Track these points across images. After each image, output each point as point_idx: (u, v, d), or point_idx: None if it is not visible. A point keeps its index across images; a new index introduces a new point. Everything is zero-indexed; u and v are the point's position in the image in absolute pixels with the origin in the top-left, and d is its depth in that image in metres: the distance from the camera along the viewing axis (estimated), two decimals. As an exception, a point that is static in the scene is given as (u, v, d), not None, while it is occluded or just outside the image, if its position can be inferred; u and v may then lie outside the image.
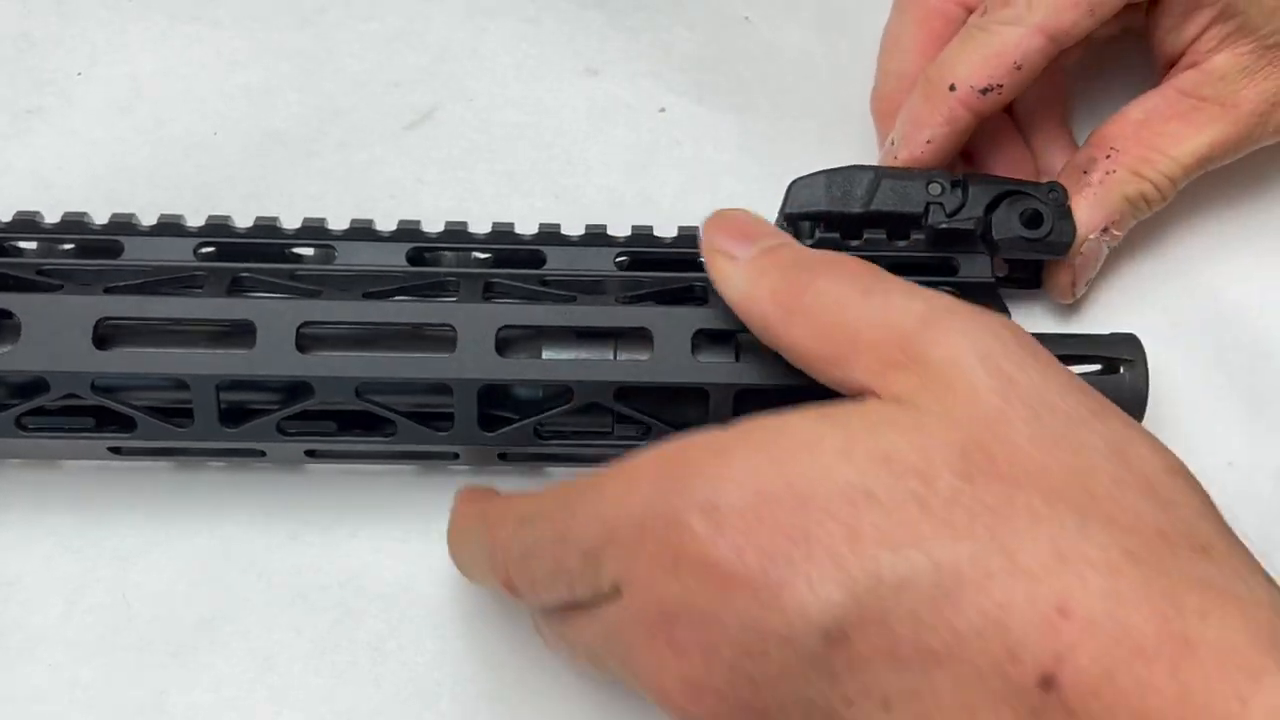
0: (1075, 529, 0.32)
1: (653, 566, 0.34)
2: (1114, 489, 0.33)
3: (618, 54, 0.55)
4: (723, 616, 0.33)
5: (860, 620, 0.32)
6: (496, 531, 0.39)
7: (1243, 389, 0.50)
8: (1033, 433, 0.34)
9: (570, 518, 0.36)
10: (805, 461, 0.33)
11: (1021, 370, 0.35)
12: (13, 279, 0.43)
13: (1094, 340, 0.44)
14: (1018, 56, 0.46)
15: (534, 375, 0.42)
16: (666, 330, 0.42)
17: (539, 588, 0.37)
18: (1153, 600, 0.31)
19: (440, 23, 0.55)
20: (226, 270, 0.44)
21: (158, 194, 0.51)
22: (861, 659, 0.32)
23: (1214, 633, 0.30)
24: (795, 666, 0.32)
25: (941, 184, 0.45)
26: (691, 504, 0.33)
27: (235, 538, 0.46)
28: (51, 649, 0.45)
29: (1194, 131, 0.46)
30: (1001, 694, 0.31)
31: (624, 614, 0.35)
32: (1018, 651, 0.31)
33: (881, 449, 0.33)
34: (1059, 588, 0.31)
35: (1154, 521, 0.33)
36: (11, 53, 0.54)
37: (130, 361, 0.42)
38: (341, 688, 0.44)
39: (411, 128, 0.54)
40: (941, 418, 0.34)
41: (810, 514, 0.32)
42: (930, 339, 0.35)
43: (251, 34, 0.55)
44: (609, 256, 0.45)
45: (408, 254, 0.45)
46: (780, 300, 0.38)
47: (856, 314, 0.37)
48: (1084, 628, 0.31)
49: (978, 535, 0.32)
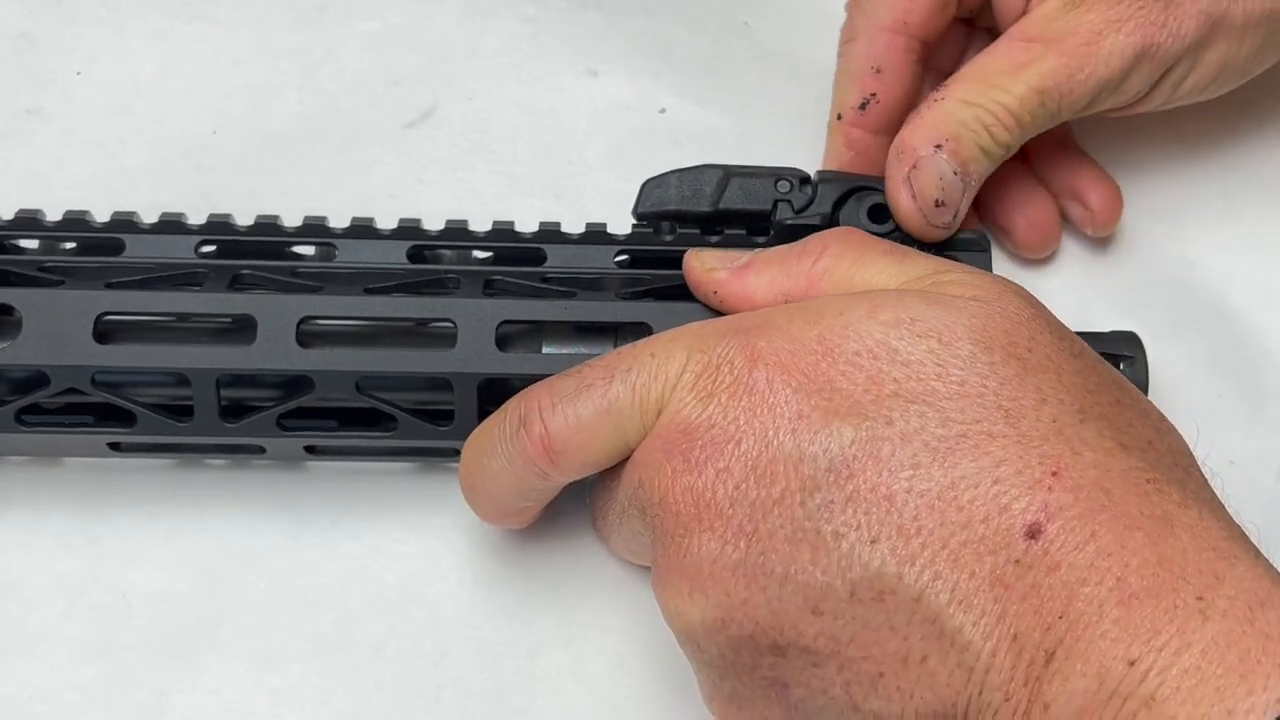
0: (1075, 417, 0.34)
1: (689, 393, 0.37)
2: (1115, 405, 0.36)
3: (618, 55, 0.55)
4: (741, 435, 0.36)
5: (865, 458, 0.34)
6: (536, 390, 0.39)
7: (1243, 387, 0.50)
8: (1054, 339, 0.36)
9: (620, 359, 0.38)
10: (836, 321, 0.36)
11: (1045, 307, 0.38)
12: (14, 275, 0.43)
13: (1094, 338, 0.44)
14: (871, 62, 0.49)
15: (534, 370, 0.42)
16: (666, 325, 0.42)
17: (582, 435, 0.38)
18: (1139, 483, 0.33)
19: (440, 22, 0.55)
20: (227, 268, 0.44)
21: (157, 193, 0.52)
22: (859, 494, 0.34)
23: (1192, 519, 0.33)
24: (795, 492, 0.35)
25: (790, 181, 0.45)
26: (734, 346, 0.37)
27: (235, 538, 0.46)
28: (51, 649, 0.45)
29: (1022, 67, 0.46)
30: (986, 541, 0.33)
31: (651, 439, 0.37)
32: (1007, 503, 0.33)
33: (907, 314, 0.36)
34: (1054, 454, 0.33)
35: (1145, 434, 0.35)
36: (11, 52, 0.54)
37: (131, 356, 0.42)
38: (341, 688, 0.44)
39: (411, 127, 0.54)
40: (970, 303, 0.36)
41: (836, 363, 0.36)
42: (952, 279, 0.38)
43: (251, 33, 0.55)
44: (609, 254, 0.45)
45: (408, 252, 0.45)
46: (794, 281, 0.40)
47: (878, 268, 0.39)
48: (1073, 490, 0.33)
49: (985, 401, 0.34)
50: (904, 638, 0.33)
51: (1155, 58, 0.46)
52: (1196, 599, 0.31)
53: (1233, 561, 0.32)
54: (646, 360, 0.38)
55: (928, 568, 0.33)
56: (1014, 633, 0.32)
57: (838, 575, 0.34)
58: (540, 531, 0.46)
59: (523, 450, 0.39)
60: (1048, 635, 0.31)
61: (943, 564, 0.33)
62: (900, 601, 0.33)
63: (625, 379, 0.38)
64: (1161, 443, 0.36)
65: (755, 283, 0.41)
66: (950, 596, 0.32)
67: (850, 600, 0.34)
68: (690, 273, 0.43)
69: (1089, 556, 0.32)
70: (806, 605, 0.34)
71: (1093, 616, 0.31)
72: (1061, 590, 0.32)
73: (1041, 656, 0.31)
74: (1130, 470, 0.33)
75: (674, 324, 0.42)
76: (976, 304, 0.36)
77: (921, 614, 0.33)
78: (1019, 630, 0.32)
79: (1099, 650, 0.31)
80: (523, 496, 0.41)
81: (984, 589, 0.32)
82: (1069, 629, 0.31)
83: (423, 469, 0.47)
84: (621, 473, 0.39)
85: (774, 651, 0.35)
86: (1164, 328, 0.50)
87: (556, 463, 0.39)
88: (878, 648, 0.34)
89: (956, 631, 0.32)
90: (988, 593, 0.32)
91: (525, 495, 0.41)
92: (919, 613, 0.33)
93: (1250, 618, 0.30)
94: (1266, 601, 0.31)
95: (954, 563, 0.33)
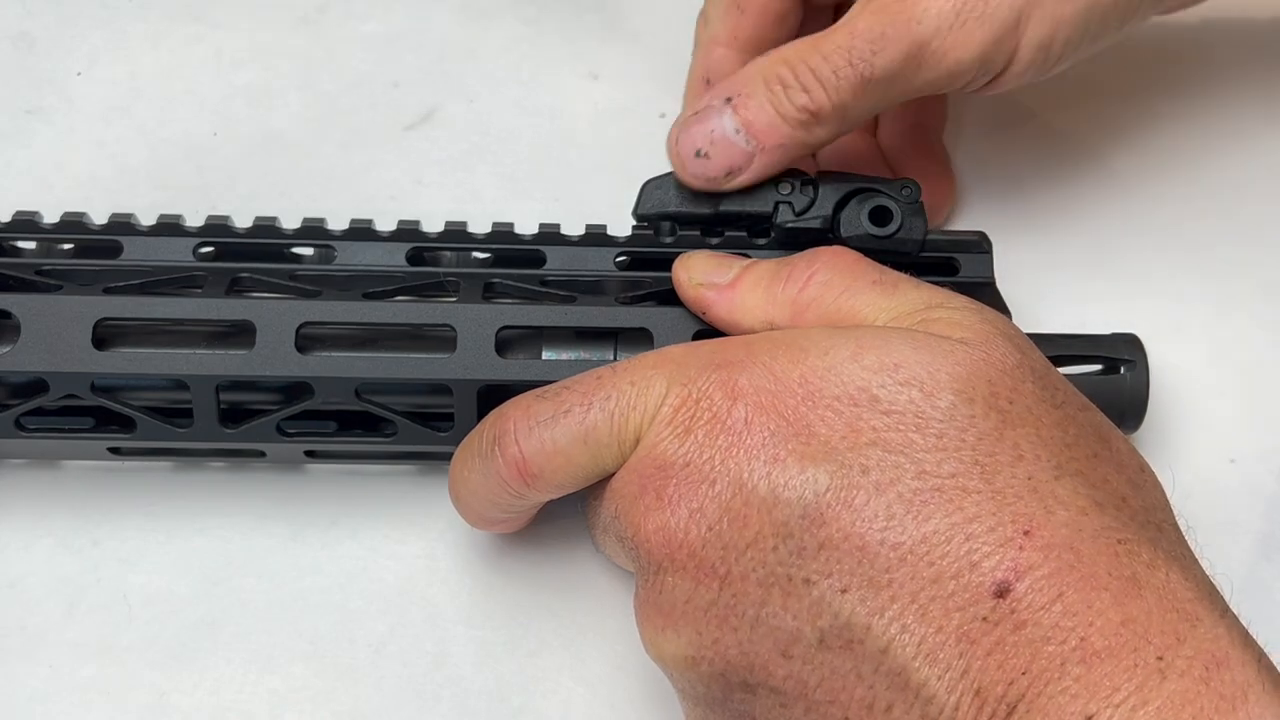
0: (1051, 473, 0.34)
1: (666, 428, 0.37)
2: (1092, 459, 0.36)
3: (618, 58, 0.55)
4: (716, 476, 0.36)
5: (838, 506, 0.34)
6: (511, 411, 0.39)
7: (1244, 385, 0.50)
8: (1035, 389, 0.36)
9: (599, 385, 0.38)
10: (820, 361, 0.36)
11: (1033, 349, 0.38)
12: (12, 279, 0.43)
13: (1095, 340, 0.44)
14: (703, 73, 0.50)
15: (534, 376, 0.42)
16: (666, 330, 0.42)
17: (558, 460, 0.38)
18: (1110, 543, 0.33)
19: (440, 24, 0.55)
20: (226, 270, 0.44)
21: (157, 194, 0.52)
22: (831, 542, 0.34)
23: (1159, 581, 0.33)
24: (769, 536, 0.35)
25: (792, 183, 0.45)
26: (716, 380, 0.37)
27: (235, 538, 0.46)
28: (52, 649, 0.45)
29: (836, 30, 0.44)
30: (955, 596, 0.33)
31: (628, 471, 0.37)
32: (978, 560, 0.33)
33: (891, 359, 0.36)
34: (1026, 513, 0.33)
35: (1120, 490, 0.35)
36: (11, 53, 0.54)
37: (130, 362, 0.42)
38: (341, 688, 0.44)
39: (411, 129, 0.54)
40: (957, 346, 0.36)
41: (815, 407, 0.35)
42: (941, 316, 0.38)
43: (251, 34, 0.55)
44: (609, 257, 0.45)
45: (407, 254, 0.45)
46: (780, 309, 0.40)
47: (866, 300, 0.39)
48: (1043, 550, 0.33)
49: (963, 456, 0.34)
50: (870, 686, 0.33)
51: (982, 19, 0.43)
52: (1157, 659, 0.31)
53: (1194, 623, 0.32)
54: (626, 389, 0.38)
55: (896, 620, 0.33)
56: (977, 687, 0.32)
57: (807, 622, 0.34)
58: (540, 532, 0.46)
59: (498, 471, 0.39)
60: (1010, 689, 0.32)
61: (911, 618, 0.33)
62: (868, 651, 0.33)
63: (604, 407, 0.38)
64: (1136, 498, 0.35)
65: (742, 307, 0.41)
66: (917, 650, 0.33)
67: (819, 647, 0.34)
68: (679, 286, 0.43)
69: (1055, 616, 0.32)
70: (776, 648, 0.35)
71: (1055, 673, 0.31)
72: (1026, 648, 0.32)
73: (1003, 710, 0.32)
74: (1102, 530, 0.33)
75: (674, 330, 0.42)
76: (964, 349, 0.36)
77: (888, 665, 0.33)
78: (982, 684, 0.32)
79: (1058, 705, 0.31)
80: (501, 510, 0.41)
81: (950, 644, 0.32)
82: (1030, 684, 0.32)
83: (422, 470, 0.47)
84: (603, 492, 0.39)
85: (744, 689, 0.35)
86: (1166, 326, 0.50)
87: (532, 485, 0.39)
88: (844, 694, 0.34)
89: (922, 685, 0.33)
90: (954, 647, 0.32)
91: (504, 510, 0.41)
92: (885, 664, 0.33)
93: (1206, 677, 0.31)
94: (1223, 662, 0.31)
95: (922, 617, 0.33)
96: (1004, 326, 0.38)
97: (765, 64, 0.44)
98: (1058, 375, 0.38)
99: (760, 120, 0.44)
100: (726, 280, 0.42)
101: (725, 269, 0.42)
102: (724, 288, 0.41)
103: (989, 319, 0.38)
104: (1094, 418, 0.37)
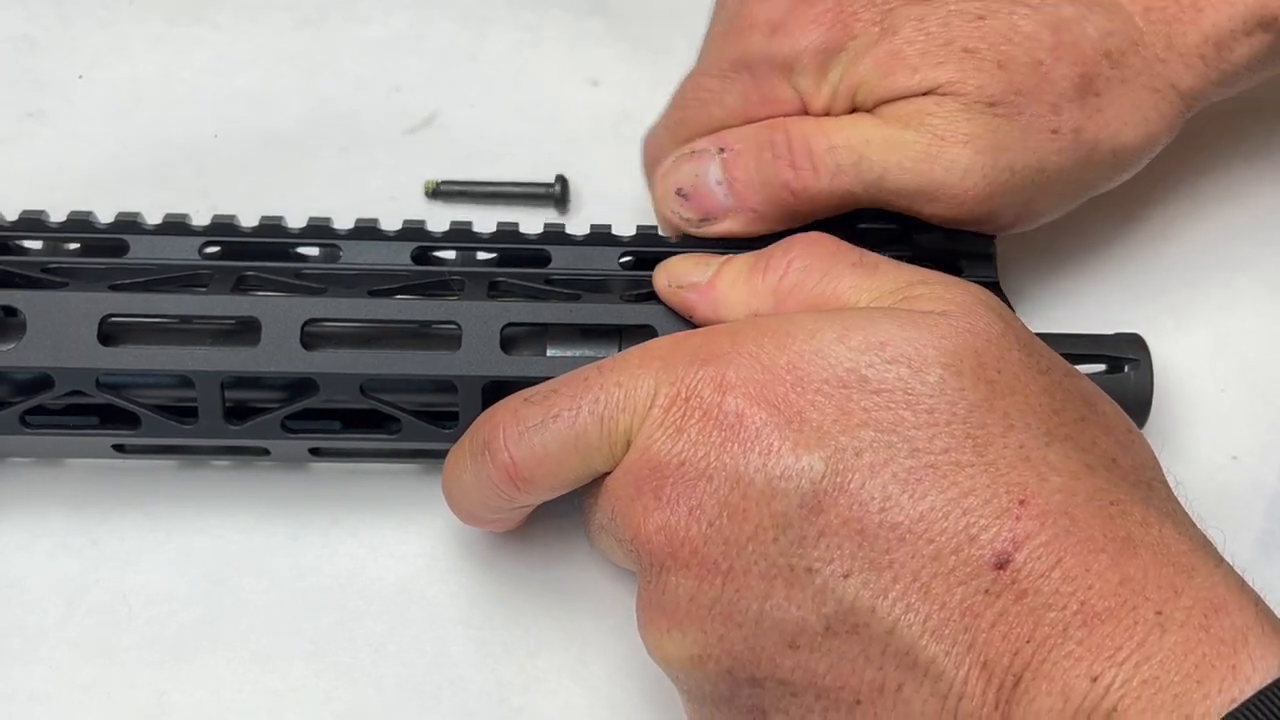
0: (1042, 440, 0.35)
1: (658, 429, 0.37)
2: (1080, 423, 0.36)
3: (619, 63, 0.55)
4: (712, 472, 0.36)
5: (835, 492, 0.34)
6: (499, 415, 0.39)
7: (1246, 382, 0.50)
8: (1021, 357, 0.36)
9: (586, 387, 0.38)
10: (807, 345, 0.36)
11: (1015, 318, 0.38)
12: (18, 277, 0.43)
13: (1099, 340, 0.45)
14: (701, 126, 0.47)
15: (539, 373, 0.42)
16: (670, 328, 0.42)
17: (548, 465, 0.38)
18: (1103, 505, 0.34)
19: (441, 28, 0.56)
20: (231, 269, 0.44)
21: (158, 196, 0.52)
22: (830, 528, 0.34)
23: (1153, 538, 0.33)
24: (768, 528, 0.35)
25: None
26: (704, 376, 0.36)
27: (236, 538, 0.46)
28: (52, 649, 0.45)
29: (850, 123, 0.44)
30: (956, 571, 0.33)
31: (622, 472, 0.37)
32: (976, 533, 0.33)
33: (878, 338, 0.36)
34: (1020, 482, 0.34)
35: (1109, 452, 0.36)
36: (13, 55, 0.54)
37: (135, 358, 0.42)
38: (341, 688, 0.44)
39: (412, 133, 0.54)
40: (940, 320, 0.36)
41: (805, 392, 0.35)
42: (923, 293, 0.38)
43: (252, 37, 0.55)
44: (613, 256, 0.45)
45: (413, 253, 0.45)
46: (761, 299, 0.40)
47: (847, 282, 0.39)
48: (1039, 518, 0.33)
49: (954, 430, 0.34)
50: (879, 668, 0.34)
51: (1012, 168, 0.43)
52: (1156, 614, 0.32)
53: (1190, 574, 0.33)
54: (613, 390, 0.38)
55: (900, 600, 0.33)
56: (984, 659, 0.33)
57: (812, 610, 0.34)
58: (540, 532, 0.46)
59: (488, 474, 0.39)
60: (1015, 659, 0.32)
61: (914, 596, 0.33)
62: (874, 634, 0.34)
63: (592, 410, 0.38)
64: (1126, 458, 0.36)
65: (724, 303, 0.41)
66: (923, 628, 0.33)
67: (825, 634, 0.34)
68: (660, 292, 0.43)
69: (1054, 583, 0.32)
70: (783, 640, 0.35)
71: (1058, 639, 0.32)
72: (1028, 616, 0.32)
73: (1010, 680, 0.32)
74: (1095, 493, 0.34)
75: (678, 327, 0.42)
76: (948, 322, 0.36)
77: (895, 645, 0.33)
78: (988, 657, 0.33)
79: (1063, 670, 0.32)
80: (494, 511, 0.41)
81: (955, 619, 0.33)
82: (1035, 652, 0.32)
83: (423, 469, 0.47)
84: (598, 493, 0.39)
85: (751, 684, 0.36)
86: (1169, 322, 0.50)
87: (523, 490, 0.39)
88: (854, 678, 0.34)
89: (930, 662, 0.33)
90: (958, 622, 0.33)
91: (496, 511, 0.41)
92: (893, 644, 0.33)
93: (1206, 625, 0.31)
94: (1221, 608, 0.32)
95: (925, 595, 0.33)
96: (985, 297, 0.38)
97: (766, 128, 0.44)
98: (1041, 343, 0.38)
99: (742, 178, 0.44)
100: (705, 279, 0.41)
101: (703, 268, 0.42)
102: (704, 287, 0.41)
103: (970, 291, 0.38)
104: (1079, 382, 0.38)
